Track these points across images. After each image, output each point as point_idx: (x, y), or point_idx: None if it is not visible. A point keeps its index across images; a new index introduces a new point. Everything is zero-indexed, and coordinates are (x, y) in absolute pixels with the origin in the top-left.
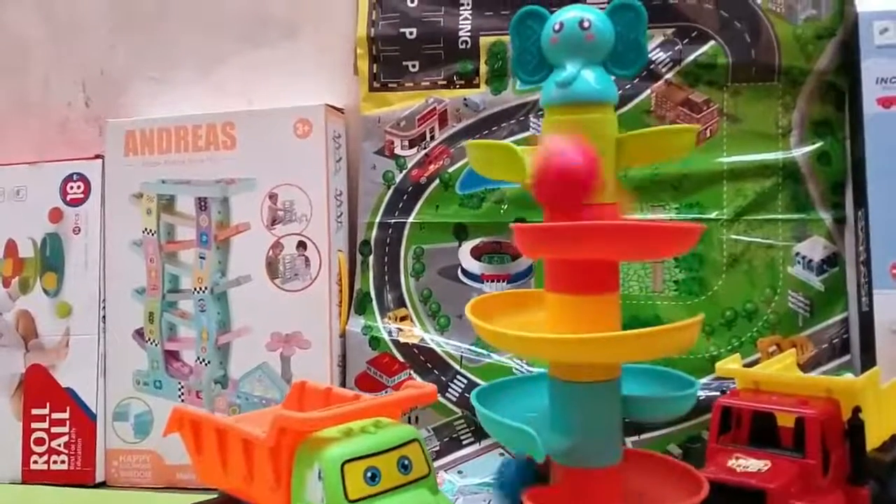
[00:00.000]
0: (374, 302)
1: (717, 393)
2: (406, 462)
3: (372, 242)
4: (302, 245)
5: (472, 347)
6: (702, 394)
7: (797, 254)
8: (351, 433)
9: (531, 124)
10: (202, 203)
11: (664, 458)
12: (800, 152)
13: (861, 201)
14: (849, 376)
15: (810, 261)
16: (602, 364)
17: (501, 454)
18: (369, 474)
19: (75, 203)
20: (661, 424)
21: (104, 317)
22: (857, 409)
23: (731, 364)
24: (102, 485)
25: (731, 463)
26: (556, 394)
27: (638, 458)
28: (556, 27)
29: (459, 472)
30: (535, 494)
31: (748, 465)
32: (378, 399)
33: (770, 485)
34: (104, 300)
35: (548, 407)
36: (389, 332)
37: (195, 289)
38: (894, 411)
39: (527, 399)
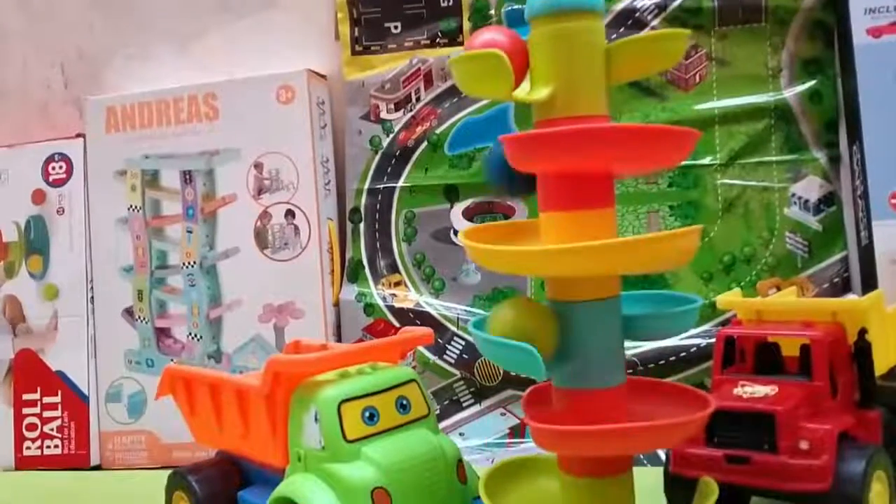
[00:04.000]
0: (367, 269)
1: None
2: (405, 402)
3: (362, 209)
4: (290, 214)
5: (469, 308)
6: (702, 341)
7: (793, 195)
8: (347, 375)
9: None
10: (187, 176)
11: (668, 383)
12: (791, 92)
13: (856, 135)
14: (852, 296)
15: (806, 201)
16: (600, 279)
17: (503, 414)
18: (367, 414)
19: (58, 183)
20: (663, 373)
21: (92, 297)
22: (862, 331)
23: (731, 296)
24: (98, 468)
25: (737, 391)
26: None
27: (642, 384)
28: None
29: (461, 435)
30: (536, 416)
31: (754, 391)
32: (374, 342)
33: (778, 407)
34: (91, 280)
35: None
36: (384, 299)
37: (184, 263)
38: None
39: None
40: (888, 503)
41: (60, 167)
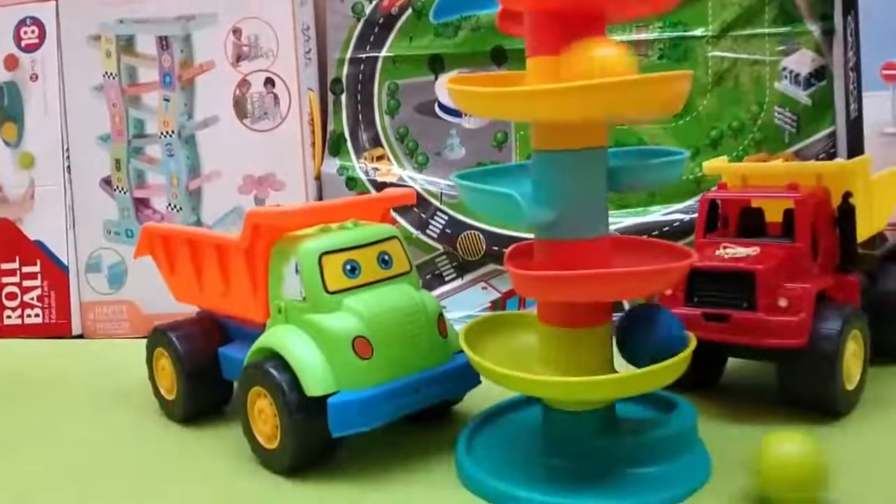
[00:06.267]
0: (349, 142)
1: None
2: (386, 258)
3: (343, 80)
4: (270, 82)
5: (452, 183)
6: (685, 216)
7: (784, 69)
8: (328, 230)
9: None
10: (163, 42)
11: (652, 240)
12: None
13: (851, 5)
14: (839, 160)
15: (797, 75)
16: (586, 128)
17: (484, 288)
18: (348, 267)
19: (31, 49)
20: None
21: (69, 166)
22: (847, 194)
23: (717, 162)
24: (80, 338)
25: (719, 252)
26: (539, 166)
27: (626, 241)
28: None
29: (444, 308)
30: (520, 266)
31: (736, 252)
32: (355, 198)
33: (758, 266)
34: (68, 149)
35: (531, 187)
36: (366, 173)
37: (161, 133)
38: (884, 204)
39: (510, 185)
40: (862, 362)
41: (32, 31)
